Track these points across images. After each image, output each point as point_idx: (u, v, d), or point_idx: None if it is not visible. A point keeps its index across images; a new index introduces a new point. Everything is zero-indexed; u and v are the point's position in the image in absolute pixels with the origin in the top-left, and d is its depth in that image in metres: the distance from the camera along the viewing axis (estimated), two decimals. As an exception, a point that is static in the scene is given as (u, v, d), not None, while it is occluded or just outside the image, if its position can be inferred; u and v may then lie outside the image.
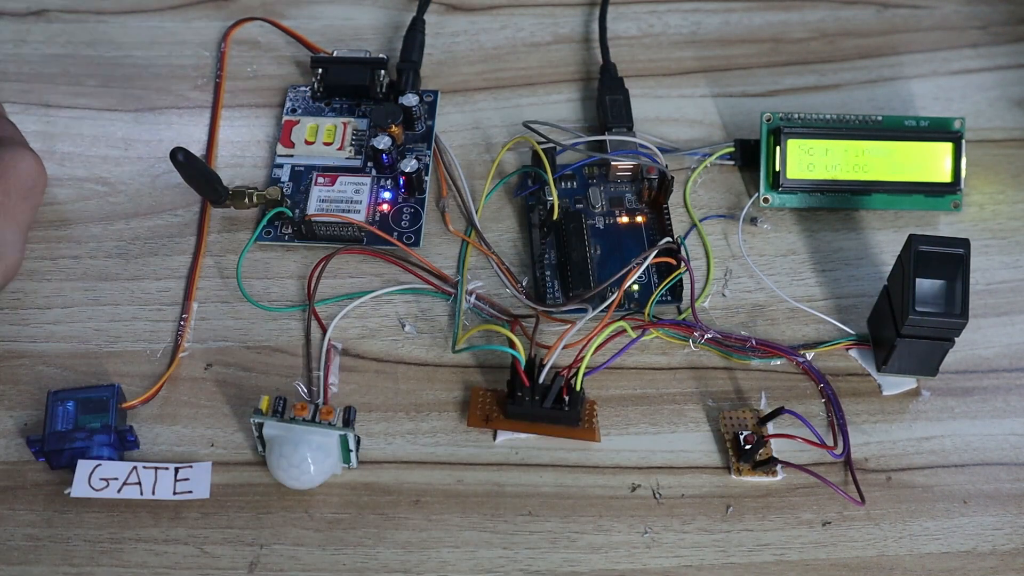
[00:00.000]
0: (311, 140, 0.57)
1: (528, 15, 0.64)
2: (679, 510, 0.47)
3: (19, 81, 0.60)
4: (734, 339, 0.51)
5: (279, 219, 0.54)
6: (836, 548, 0.46)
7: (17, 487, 0.47)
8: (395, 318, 0.52)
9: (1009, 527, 0.47)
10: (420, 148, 0.57)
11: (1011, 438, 0.49)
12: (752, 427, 0.48)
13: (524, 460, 0.48)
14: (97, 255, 0.54)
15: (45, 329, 0.51)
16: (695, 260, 0.54)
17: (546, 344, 0.50)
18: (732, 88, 0.61)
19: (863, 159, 0.55)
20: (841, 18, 0.64)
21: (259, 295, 0.52)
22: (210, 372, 0.50)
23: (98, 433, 0.46)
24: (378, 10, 0.64)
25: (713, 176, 0.57)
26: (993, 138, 0.59)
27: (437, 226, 0.55)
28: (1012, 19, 0.64)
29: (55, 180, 0.56)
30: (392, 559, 0.45)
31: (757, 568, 0.45)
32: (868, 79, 0.62)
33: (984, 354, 0.52)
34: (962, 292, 0.46)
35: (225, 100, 0.60)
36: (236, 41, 0.62)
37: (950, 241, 0.46)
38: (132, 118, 0.59)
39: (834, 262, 0.54)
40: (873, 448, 0.49)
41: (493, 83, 0.61)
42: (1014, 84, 0.61)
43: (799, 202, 0.56)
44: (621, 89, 0.59)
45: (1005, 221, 0.56)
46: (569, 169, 0.56)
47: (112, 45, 0.62)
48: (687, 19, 0.64)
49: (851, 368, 0.51)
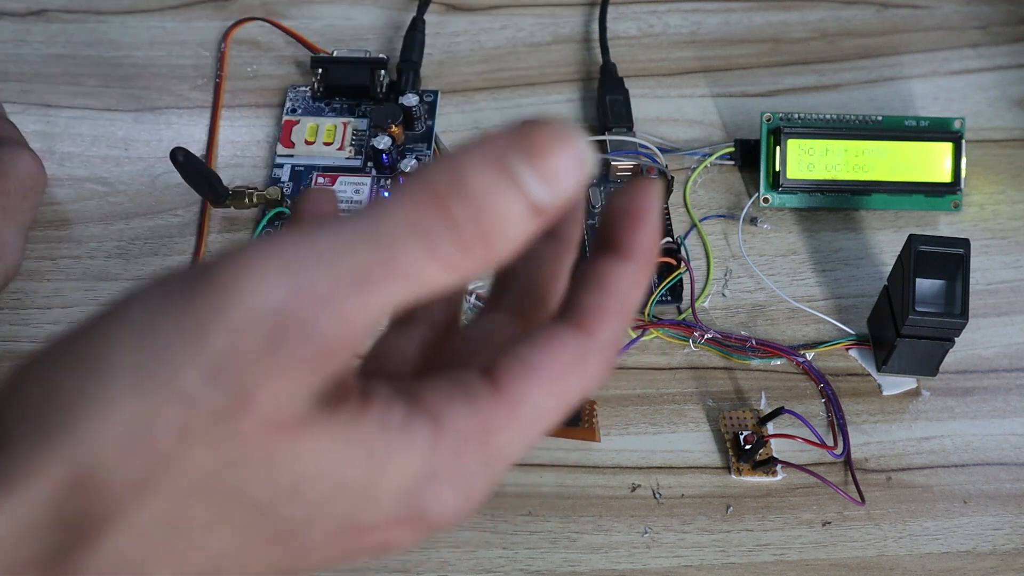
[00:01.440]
0: (311, 140, 0.57)
1: (528, 15, 0.64)
2: (679, 510, 0.47)
3: (19, 81, 0.60)
4: (734, 339, 0.51)
5: (279, 219, 0.54)
6: (836, 548, 0.46)
7: None
8: (395, 318, 0.52)
9: (1009, 527, 0.47)
10: (420, 148, 0.57)
11: (1011, 438, 0.49)
12: (752, 427, 0.48)
13: (524, 460, 0.48)
14: (97, 255, 0.54)
15: (45, 329, 0.51)
16: (695, 260, 0.54)
17: (546, 344, 0.50)
18: (732, 88, 0.61)
19: (863, 159, 0.55)
20: (841, 18, 0.64)
21: (259, 295, 0.52)
22: (210, 372, 0.50)
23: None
24: (378, 10, 0.64)
25: (713, 176, 0.57)
26: (993, 138, 0.59)
27: (437, 226, 0.55)
28: (1012, 19, 0.64)
29: (55, 180, 0.56)
30: (392, 558, 0.45)
31: (757, 568, 0.45)
32: (868, 79, 0.62)
33: (984, 354, 0.52)
34: (962, 292, 0.46)
35: (225, 100, 0.60)
36: (236, 41, 0.62)
37: (950, 241, 0.46)
38: (132, 118, 0.59)
39: (834, 262, 0.54)
40: (873, 448, 0.49)
41: (493, 83, 0.61)
42: (1014, 84, 0.61)
43: (799, 202, 0.56)
44: (621, 89, 0.59)
45: (1005, 221, 0.56)
46: (569, 169, 0.56)
47: (112, 45, 0.62)
48: (687, 19, 0.64)
49: (851, 368, 0.51)
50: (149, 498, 0.21)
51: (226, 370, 0.21)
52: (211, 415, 0.21)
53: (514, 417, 0.24)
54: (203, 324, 0.21)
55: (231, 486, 0.21)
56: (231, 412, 0.21)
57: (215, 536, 0.22)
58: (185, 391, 0.21)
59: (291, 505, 0.22)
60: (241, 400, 0.21)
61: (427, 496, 0.23)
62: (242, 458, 0.21)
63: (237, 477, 0.21)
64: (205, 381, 0.21)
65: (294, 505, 0.22)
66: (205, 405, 0.21)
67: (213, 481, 0.21)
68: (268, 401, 0.21)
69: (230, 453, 0.21)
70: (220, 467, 0.21)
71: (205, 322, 0.21)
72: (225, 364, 0.21)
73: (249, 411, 0.21)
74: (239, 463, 0.21)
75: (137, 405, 0.21)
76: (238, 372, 0.21)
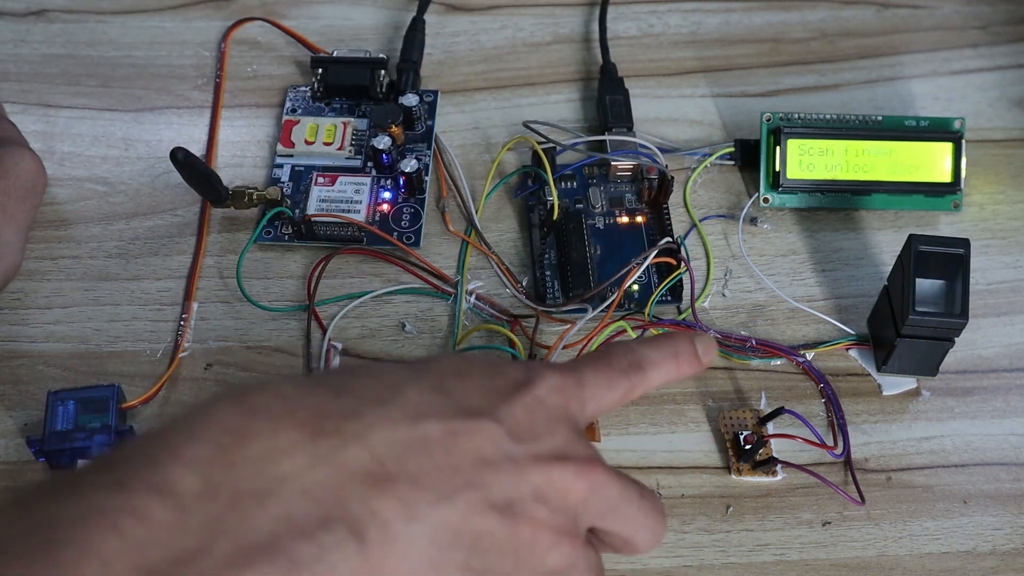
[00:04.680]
0: (311, 140, 0.57)
1: (528, 15, 0.64)
2: (679, 510, 0.47)
3: (19, 81, 0.60)
4: (734, 339, 0.51)
5: (279, 219, 0.54)
6: (836, 548, 0.46)
7: (17, 487, 0.47)
8: (395, 318, 0.52)
9: (1009, 527, 0.47)
10: (420, 148, 0.57)
11: (1011, 438, 0.49)
12: (752, 427, 0.48)
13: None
14: (97, 255, 0.54)
15: (45, 329, 0.51)
16: (695, 260, 0.54)
17: (546, 344, 0.50)
18: (732, 88, 0.61)
19: (863, 159, 0.55)
20: (841, 18, 0.64)
21: (259, 295, 0.52)
22: (210, 372, 0.50)
23: (98, 433, 0.46)
24: (378, 10, 0.64)
25: (713, 176, 0.57)
26: (993, 138, 0.59)
27: (437, 226, 0.55)
28: (1012, 19, 0.64)
29: (55, 180, 0.56)
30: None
31: (757, 568, 0.45)
32: (868, 79, 0.62)
33: (984, 354, 0.52)
34: (962, 292, 0.46)
35: (225, 100, 0.60)
36: (236, 41, 0.62)
37: (950, 241, 0.46)
38: (132, 118, 0.59)
39: (834, 262, 0.54)
40: (873, 448, 0.49)
41: (493, 83, 0.61)
42: (1014, 84, 0.61)
43: (799, 202, 0.56)
44: (621, 89, 0.59)
45: (1005, 221, 0.56)
46: (569, 169, 0.56)
47: (112, 45, 0.62)
48: (687, 19, 0.64)
49: (851, 368, 0.51)
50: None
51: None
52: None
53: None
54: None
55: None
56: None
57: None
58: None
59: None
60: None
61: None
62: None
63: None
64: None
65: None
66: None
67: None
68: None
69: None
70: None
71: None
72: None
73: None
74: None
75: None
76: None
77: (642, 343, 0.38)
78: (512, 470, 0.31)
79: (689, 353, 0.39)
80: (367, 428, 0.30)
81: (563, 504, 0.32)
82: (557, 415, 0.34)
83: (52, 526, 0.26)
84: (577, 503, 0.33)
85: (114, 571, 0.26)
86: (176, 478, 0.28)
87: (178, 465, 0.28)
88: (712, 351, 0.40)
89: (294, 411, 0.30)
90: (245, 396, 0.30)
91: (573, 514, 0.33)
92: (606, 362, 0.37)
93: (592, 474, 0.33)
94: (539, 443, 0.32)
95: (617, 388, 0.37)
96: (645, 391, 0.38)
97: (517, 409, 0.33)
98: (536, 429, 0.33)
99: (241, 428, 0.29)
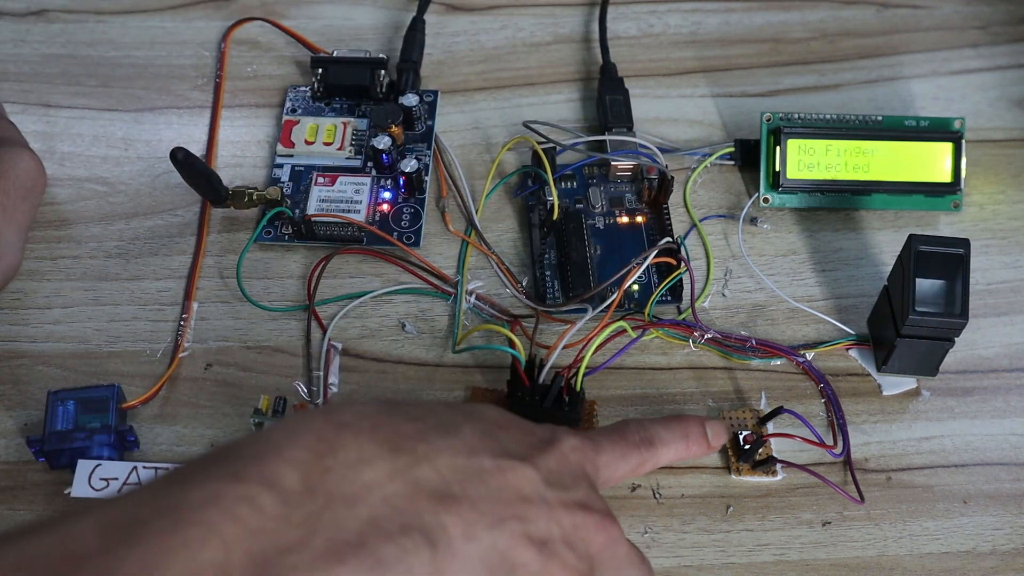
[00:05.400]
0: (311, 140, 0.57)
1: (528, 15, 0.64)
2: (679, 510, 0.47)
3: (19, 81, 0.60)
4: (734, 339, 0.51)
5: (279, 219, 0.54)
6: (836, 548, 0.46)
7: (17, 487, 0.47)
8: (395, 318, 0.52)
9: (1009, 527, 0.47)
10: (420, 148, 0.57)
11: (1011, 438, 0.49)
12: (752, 427, 0.48)
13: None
14: (97, 255, 0.54)
15: (45, 329, 0.51)
16: (695, 260, 0.54)
17: (546, 344, 0.50)
18: (732, 88, 0.61)
19: (863, 159, 0.55)
20: (841, 18, 0.64)
21: (259, 295, 0.52)
22: (210, 372, 0.50)
23: (98, 433, 0.46)
24: (378, 10, 0.64)
25: (713, 176, 0.57)
26: (993, 138, 0.59)
27: (437, 226, 0.55)
28: (1012, 19, 0.64)
29: (55, 180, 0.56)
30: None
31: (757, 568, 0.45)
32: (868, 79, 0.62)
33: (984, 354, 0.52)
34: (962, 292, 0.46)
35: (225, 100, 0.60)
36: (236, 41, 0.62)
37: (950, 241, 0.46)
38: (132, 118, 0.59)
39: (834, 262, 0.54)
40: (873, 448, 0.49)
41: (493, 83, 0.61)
42: (1014, 84, 0.61)
43: (799, 202, 0.56)
44: (621, 89, 0.59)
45: (1005, 221, 0.56)
46: (569, 169, 0.56)
47: (112, 45, 0.62)
48: (687, 19, 0.64)
49: (851, 368, 0.51)
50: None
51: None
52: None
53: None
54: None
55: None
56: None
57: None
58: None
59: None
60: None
61: None
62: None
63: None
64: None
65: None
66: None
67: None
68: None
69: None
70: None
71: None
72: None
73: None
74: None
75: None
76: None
77: (656, 422, 0.43)
78: (546, 511, 0.35)
79: (699, 435, 0.44)
80: (436, 452, 0.34)
81: (586, 552, 0.36)
82: (579, 472, 0.38)
83: (180, 507, 0.29)
84: (595, 553, 0.37)
85: (233, 553, 0.29)
86: (281, 474, 0.31)
87: (281, 463, 0.31)
88: (722, 436, 0.46)
89: (375, 429, 0.34)
90: (332, 412, 0.34)
91: (591, 563, 0.36)
92: (621, 435, 0.42)
93: (610, 529, 0.37)
94: (567, 492, 0.37)
95: (630, 460, 0.42)
96: (654, 467, 0.43)
97: (550, 460, 0.37)
98: (564, 480, 0.37)
99: (332, 438, 0.33)
